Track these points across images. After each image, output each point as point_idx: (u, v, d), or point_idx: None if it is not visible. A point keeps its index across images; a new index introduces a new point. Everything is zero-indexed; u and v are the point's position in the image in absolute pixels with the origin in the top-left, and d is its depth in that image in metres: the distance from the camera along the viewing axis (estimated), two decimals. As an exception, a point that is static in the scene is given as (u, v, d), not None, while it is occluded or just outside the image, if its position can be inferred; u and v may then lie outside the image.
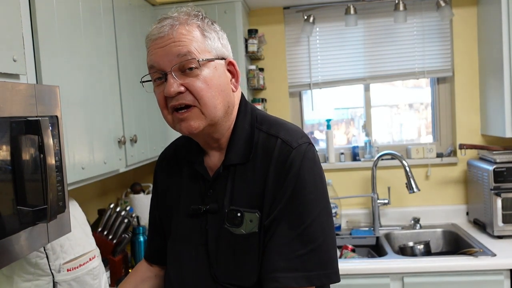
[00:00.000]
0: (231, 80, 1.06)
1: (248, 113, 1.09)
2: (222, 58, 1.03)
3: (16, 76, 1.16)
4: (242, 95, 1.12)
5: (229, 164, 1.05)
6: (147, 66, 1.03)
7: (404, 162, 2.53)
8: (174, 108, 1.00)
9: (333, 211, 2.74)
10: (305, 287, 0.95)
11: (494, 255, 2.11)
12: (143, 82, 1.06)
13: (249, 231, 1.00)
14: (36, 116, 1.07)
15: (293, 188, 0.97)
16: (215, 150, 1.09)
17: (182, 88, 0.97)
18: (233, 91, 1.06)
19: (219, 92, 1.00)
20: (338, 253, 2.42)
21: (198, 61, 0.97)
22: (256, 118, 1.08)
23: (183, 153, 1.17)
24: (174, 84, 0.96)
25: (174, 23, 0.98)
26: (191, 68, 0.97)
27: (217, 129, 1.04)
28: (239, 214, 1.01)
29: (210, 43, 1.01)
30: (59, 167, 1.16)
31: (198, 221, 1.08)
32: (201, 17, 1.02)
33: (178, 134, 1.23)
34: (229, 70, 1.05)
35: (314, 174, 1.00)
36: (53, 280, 1.42)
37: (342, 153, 2.90)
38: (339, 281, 1.00)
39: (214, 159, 1.10)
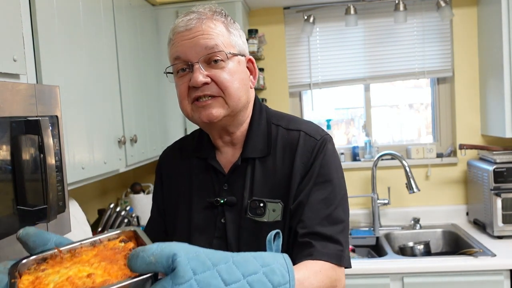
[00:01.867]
0: (249, 77, 1.09)
1: (263, 110, 1.12)
2: (243, 55, 1.07)
3: (16, 76, 1.16)
4: (255, 94, 1.16)
5: (247, 158, 1.07)
6: (169, 58, 1.05)
7: (404, 162, 2.53)
8: (195, 99, 1.01)
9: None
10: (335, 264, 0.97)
11: (494, 255, 2.11)
12: (167, 73, 1.08)
13: (272, 220, 1.02)
14: (36, 116, 1.07)
15: (318, 175, 1.01)
16: (227, 145, 1.10)
17: (209, 79, 0.99)
18: (250, 88, 1.09)
19: (242, 85, 1.03)
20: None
21: (226, 53, 1.00)
22: (271, 115, 1.12)
23: (191, 149, 1.17)
24: (201, 75, 0.98)
25: (201, 17, 1.02)
26: (216, 61, 1.00)
27: (234, 121, 1.06)
28: (261, 204, 1.03)
29: (234, 39, 1.05)
30: (59, 167, 1.16)
31: (212, 214, 1.08)
32: (224, 14, 1.06)
33: (178, 134, 1.23)
34: (247, 67, 1.09)
35: (336, 162, 1.06)
36: (53, 280, 1.42)
37: (342, 153, 2.90)
38: (351, 266, 1.03)
39: (227, 155, 1.11)
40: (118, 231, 0.76)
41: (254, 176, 1.06)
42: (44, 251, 0.71)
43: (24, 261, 0.70)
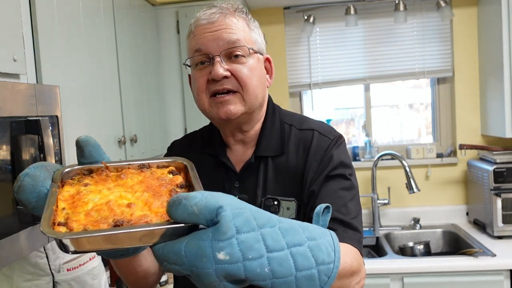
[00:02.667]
0: (265, 76, 1.09)
1: (276, 110, 1.12)
2: (262, 53, 1.07)
3: (16, 76, 1.16)
4: (268, 94, 1.16)
5: (260, 156, 1.06)
6: (189, 50, 1.04)
7: (404, 162, 2.53)
8: (213, 93, 1.01)
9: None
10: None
11: (494, 255, 2.11)
12: (186, 65, 1.07)
13: (287, 218, 1.01)
14: (36, 116, 1.07)
15: (332, 169, 1.00)
16: (239, 144, 1.10)
17: (229, 73, 0.99)
18: (267, 87, 1.10)
19: (260, 83, 1.03)
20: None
21: (248, 49, 1.00)
22: (284, 115, 1.12)
23: (200, 145, 1.15)
24: (221, 68, 0.98)
25: (224, 12, 1.02)
26: (237, 56, 1.00)
27: (249, 119, 1.05)
28: (275, 202, 1.02)
29: (255, 36, 1.05)
30: (59, 167, 1.16)
31: None
32: (245, 12, 1.06)
33: (178, 134, 1.22)
34: (264, 67, 1.09)
35: (349, 161, 1.05)
36: (53, 280, 1.43)
37: (342, 153, 2.89)
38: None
39: (237, 153, 1.10)
40: (169, 159, 0.74)
41: (267, 174, 1.05)
42: (92, 163, 0.70)
43: (69, 168, 0.68)
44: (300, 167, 1.03)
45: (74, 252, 0.53)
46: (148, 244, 0.55)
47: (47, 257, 1.41)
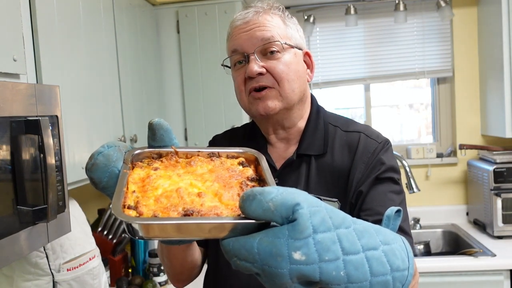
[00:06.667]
0: (306, 70, 1.09)
1: (320, 111, 1.13)
2: (300, 49, 1.08)
3: (16, 75, 1.16)
4: (312, 93, 1.16)
5: (303, 154, 1.06)
6: (227, 51, 1.06)
7: (404, 162, 2.53)
8: (251, 90, 1.02)
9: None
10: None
11: (494, 255, 2.11)
12: (224, 65, 1.09)
13: None
14: (36, 116, 1.07)
15: (381, 172, 1.00)
16: (281, 141, 1.10)
17: (264, 70, 1.00)
18: (308, 81, 1.10)
19: (297, 77, 1.03)
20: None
21: (282, 44, 1.01)
22: (328, 116, 1.13)
23: (242, 141, 1.15)
24: (256, 65, 0.99)
25: (258, 11, 1.03)
26: (272, 52, 1.01)
27: (290, 115, 1.05)
28: None
29: (291, 32, 1.06)
30: (59, 167, 1.16)
31: None
32: (281, 9, 1.08)
33: (178, 134, 1.22)
34: (304, 61, 1.09)
35: (397, 166, 1.06)
36: (53, 280, 1.43)
37: (342, 153, 2.89)
38: None
39: (279, 150, 1.10)
40: (240, 150, 0.72)
41: (310, 173, 1.04)
42: (161, 147, 0.70)
43: (139, 151, 0.68)
44: (346, 168, 1.02)
45: (141, 238, 0.52)
46: (216, 237, 0.53)
47: (47, 257, 1.41)
